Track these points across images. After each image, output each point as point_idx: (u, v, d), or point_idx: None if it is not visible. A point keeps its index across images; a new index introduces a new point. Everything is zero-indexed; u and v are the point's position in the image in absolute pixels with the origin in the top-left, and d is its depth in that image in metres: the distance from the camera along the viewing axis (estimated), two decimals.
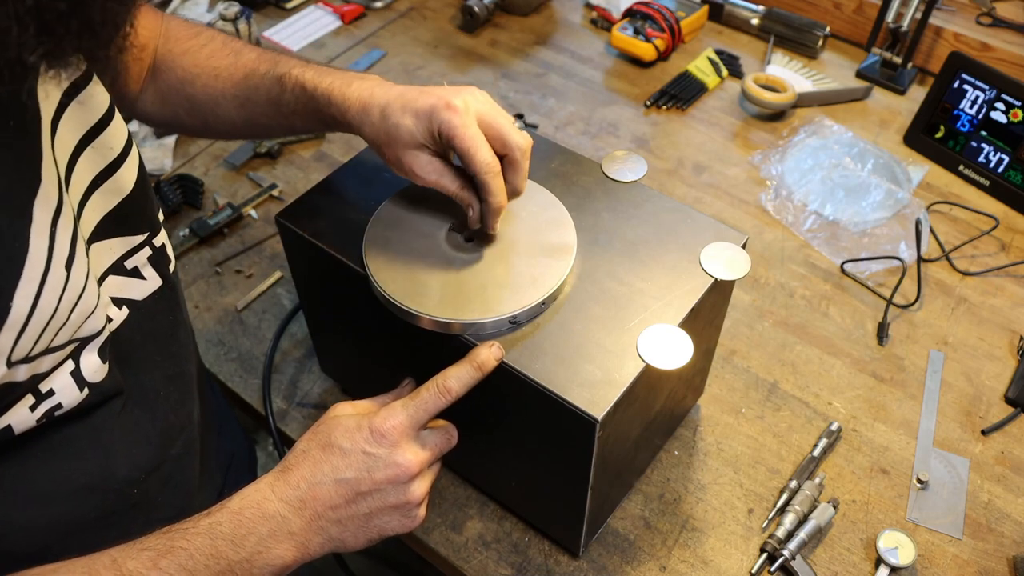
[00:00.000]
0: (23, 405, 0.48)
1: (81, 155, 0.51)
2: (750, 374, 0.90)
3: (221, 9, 1.29)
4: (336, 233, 0.69)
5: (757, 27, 1.37)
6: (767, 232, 1.06)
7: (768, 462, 0.82)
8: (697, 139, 1.19)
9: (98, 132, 0.52)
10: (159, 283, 0.60)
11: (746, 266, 0.67)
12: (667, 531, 0.77)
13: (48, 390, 0.49)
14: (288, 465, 0.57)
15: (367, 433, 0.57)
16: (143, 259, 0.58)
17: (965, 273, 1.01)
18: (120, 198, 0.55)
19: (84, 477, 0.55)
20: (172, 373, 0.63)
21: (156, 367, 0.60)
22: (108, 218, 0.54)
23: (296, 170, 1.13)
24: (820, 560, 0.75)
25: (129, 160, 0.55)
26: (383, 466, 0.57)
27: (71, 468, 0.54)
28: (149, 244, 0.59)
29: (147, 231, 0.58)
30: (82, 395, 0.52)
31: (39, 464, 0.52)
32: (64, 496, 0.54)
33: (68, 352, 0.50)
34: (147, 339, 0.58)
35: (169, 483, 0.64)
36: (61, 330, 0.48)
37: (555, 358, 0.60)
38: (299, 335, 0.93)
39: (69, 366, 0.50)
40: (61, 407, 0.50)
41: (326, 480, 0.56)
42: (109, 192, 0.54)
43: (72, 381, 0.51)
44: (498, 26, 1.41)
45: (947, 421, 0.86)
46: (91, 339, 0.51)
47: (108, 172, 0.53)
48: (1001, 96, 1.08)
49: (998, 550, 0.77)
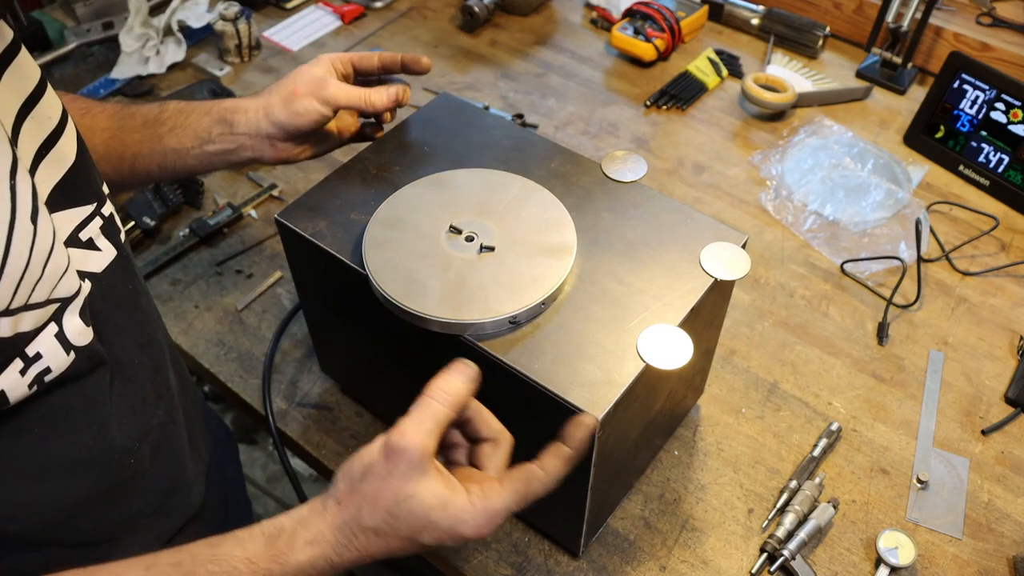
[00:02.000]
0: (13, 370, 0.48)
1: (23, 124, 0.52)
2: (750, 374, 0.90)
3: (221, 9, 1.29)
4: (336, 233, 0.69)
5: (757, 27, 1.37)
6: (767, 232, 1.06)
7: (768, 462, 0.82)
8: (697, 139, 1.19)
9: (35, 101, 0.53)
10: (114, 253, 0.60)
11: (746, 266, 0.67)
12: (667, 531, 0.77)
13: (35, 353, 0.49)
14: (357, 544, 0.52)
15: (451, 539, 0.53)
16: (96, 230, 0.58)
17: (965, 273, 1.01)
18: (65, 168, 0.55)
19: (82, 450, 0.56)
20: (142, 341, 0.63)
21: (126, 336, 0.60)
22: (57, 189, 0.54)
23: (296, 170, 1.13)
24: (820, 560, 0.75)
25: (68, 129, 0.56)
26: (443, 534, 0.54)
27: (69, 442, 0.55)
28: (99, 214, 0.59)
29: (95, 201, 0.58)
30: (69, 359, 0.52)
31: (37, 439, 0.52)
32: (64, 471, 0.55)
33: (50, 313, 0.50)
34: (113, 310, 0.58)
35: (159, 452, 0.64)
36: (38, 285, 0.48)
37: (555, 358, 0.60)
38: (299, 335, 0.93)
39: (53, 328, 0.50)
40: (50, 371, 0.50)
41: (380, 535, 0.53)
42: (54, 162, 0.54)
43: (57, 344, 0.51)
44: (498, 26, 1.41)
45: (947, 421, 0.86)
46: (70, 300, 0.51)
47: (50, 142, 0.54)
48: (1001, 96, 1.08)
49: (998, 550, 0.77)
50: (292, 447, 0.86)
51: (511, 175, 0.72)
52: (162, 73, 1.28)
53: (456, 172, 0.73)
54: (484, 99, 1.25)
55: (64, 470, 0.55)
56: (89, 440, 0.56)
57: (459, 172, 0.73)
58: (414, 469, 0.50)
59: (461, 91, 1.27)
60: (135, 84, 1.26)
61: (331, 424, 0.86)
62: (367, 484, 0.51)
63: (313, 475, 1.65)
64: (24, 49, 0.53)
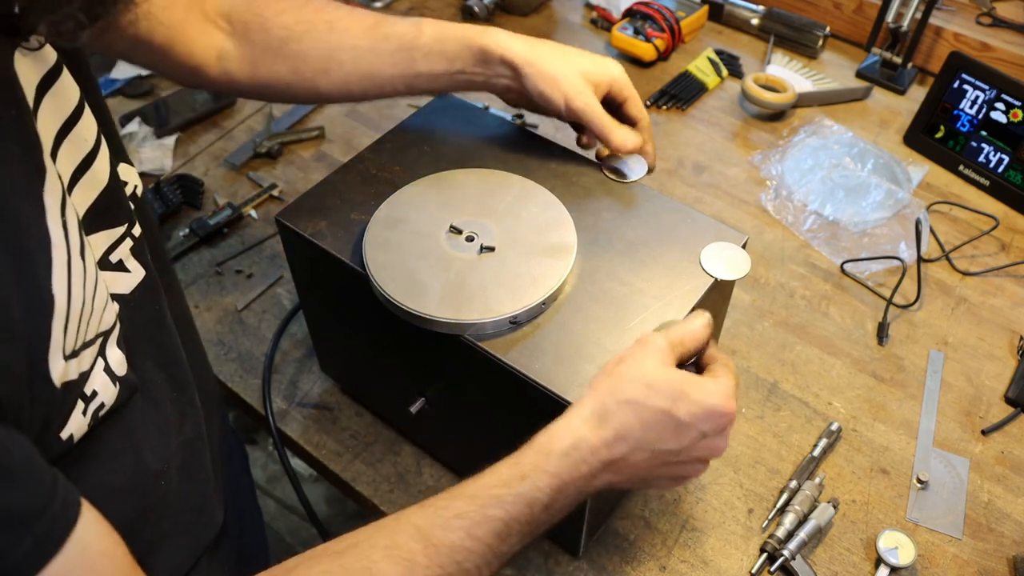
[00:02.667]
0: (78, 411, 0.47)
1: (60, 148, 0.51)
2: (750, 374, 0.90)
3: None
4: (336, 233, 0.69)
5: (757, 27, 1.37)
6: (767, 232, 1.06)
7: (768, 462, 0.82)
8: (697, 139, 1.19)
9: (72, 124, 0.52)
10: (143, 274, 0.59)
11: (746, 266, 0.67)
12: (667, 531, 0.77)
13: (92, 391, 0.49)
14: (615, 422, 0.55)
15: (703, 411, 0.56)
16: (126, 251, 0.57)
17: (965, 273, 1.01)
18: (99, 191, 0.54)
19: (121, 477, 0.55)
20: (164, 361, 0.62)
21: (148, 357, 0.59)
22: (91, 212, 0.53)
23: (296, 170, 1.13)
24: (820, 560, 0.75)
25: (102, 151, 0.55)
26: (706, 448, 0.57)
27: (108, 470, 0.54)
28: (129, 235, 0.58)
29: (126, 222, 0.57)
30: (116, 390, 0.51)
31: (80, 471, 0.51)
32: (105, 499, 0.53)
33: (98, 348, 0.49)
34: (138, 331, 0.57)
35: (185, 470, 0.63)
36: (91, 321, 0.47)
37: (555, 358, 0.60)
38: (299, 335, 0.93)
39: (101, 363, 0.50)
40: (104, 406, 0.50)
41: (647, 447, 0.55)
42: (88, 185, 0.53)
43: (107, 378, 0.50)
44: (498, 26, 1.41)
45: (947, 421, 0.86)
46: (110, 331, 0.51)
47: (85, 164, 0.53)
48: (1001, 96, 1.08)
49: (998, 550, 0.77)
50: (292, 447, 0.86)
51: (511, 175, 0.72)
52: None
53: (456, 172, 0.73)
54: (484, 99, 1.25)
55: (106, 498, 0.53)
56: (127, 466, 0.55)
57: (459, 172, 0.73)
58: (664, 355, 0.56)
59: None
60: (135, 84, 1.26)
61: (331, 424, 0.86)
62: (623, 365, 0.56)
63: (313, 475, 1.66)
64: (66, 70, 0.52)
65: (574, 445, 0.54)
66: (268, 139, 1.15)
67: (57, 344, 0.44)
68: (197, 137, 1.18)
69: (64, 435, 0.47)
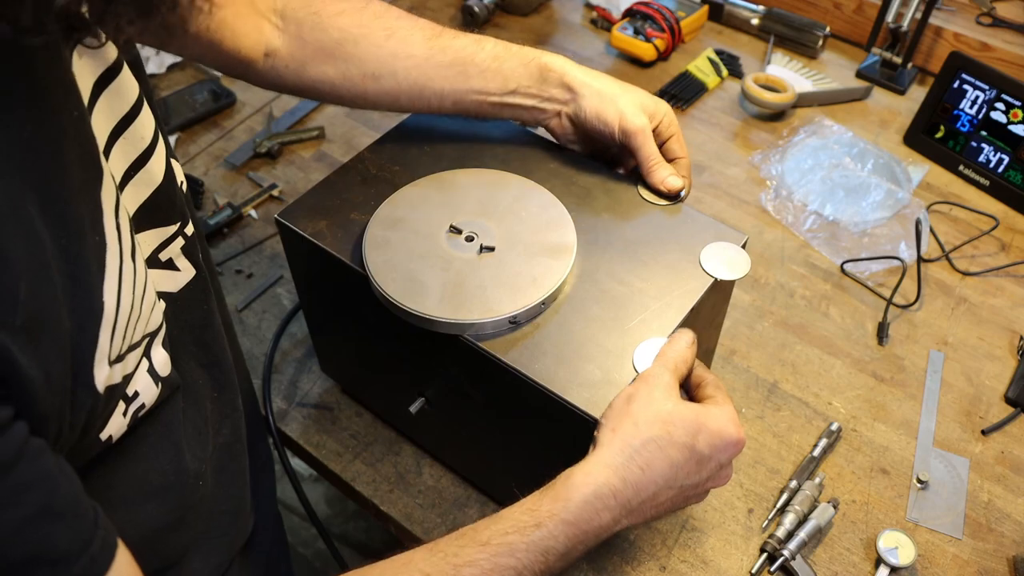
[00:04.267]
0: (118, 412, 0.47)
1: (114, 146, 0.50)
2: (750, 374, 0.90)
3: None
4: (336, 233, 0.69)
5: (757, 27, 1.37)
6: (767, 232, 1.06)
7: (768, 462, 0.82)
8: (697, 139, 1.19)
9: (129, 122, 0.51)
10: (193, 273, 0.59)
11: (746, 266, 0.67)
12: (667, 531, 0.77)
13: (134, 392, 0.48)
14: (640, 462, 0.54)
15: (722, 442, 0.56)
16: (177, 250, 0.57)
17: (965, 273, 1.01)
18: (152, 189, 0.53)
19: (161, 476, 0.54)
20: (207, 362, 0.61)
21: (192, 357, 0.59)
22: (141, 210, 0.53)
23: (296, 170, 1.13)
24: (820, 560, 0.75)
25: (158, 149, 0.54)
26: (720, 478, 0.59)
27: (149, 469, 0.53)
28: (182, 234, 0.57)
29: (179, 221, 0.57)
30: (158, 391, 0.51)
31: (121, 469, 0.51)
32: (145, 498, 0.54)
33: (143, 350, 0.49)
34: (183, 330, 0.57)
35: (223, 473, 0.62)
36: (138, 324, 0.47)
37: (555, 358, 0.60)
38: (299, 335, 0.93)
39: (145, 364, 0.50)
40: (144, 407, 0.50)
41: (674, 485, 0.55)
42: (142, 183, 0.53)
43: (150, 379, 0.50)
44: (498, 26, 1.41)
45: (947, 421, 0.86)
46: (156, 332, 0.51)
47: (140, 163, 0.52)
48: (1001, 96, 1.08)
49: (998, 550, 0.77)
50: (292, 447, 0.86)
51: (511, 175, 0.72)
52: (162, 73, 1.28)
53: (456, 172, 0.73)
54: None
55: (145, 497, 0.54)
56: (167, 465, 0.55)
57: (459, 172, 0.73)
58: (670, 388, 0.57)
59: None
60: None
61: (331, 424, 0.86)
62: (635, 404, 0.55)
63: (313, 475, 1.66)
64: (126, 68, 0.51)
65: (596, 492, 0.53)
66: (268, 139, 1.15)
67: (103, 352, 0.43)
68: (197, 137, 1.18)
69: (104, 436, 0.47)
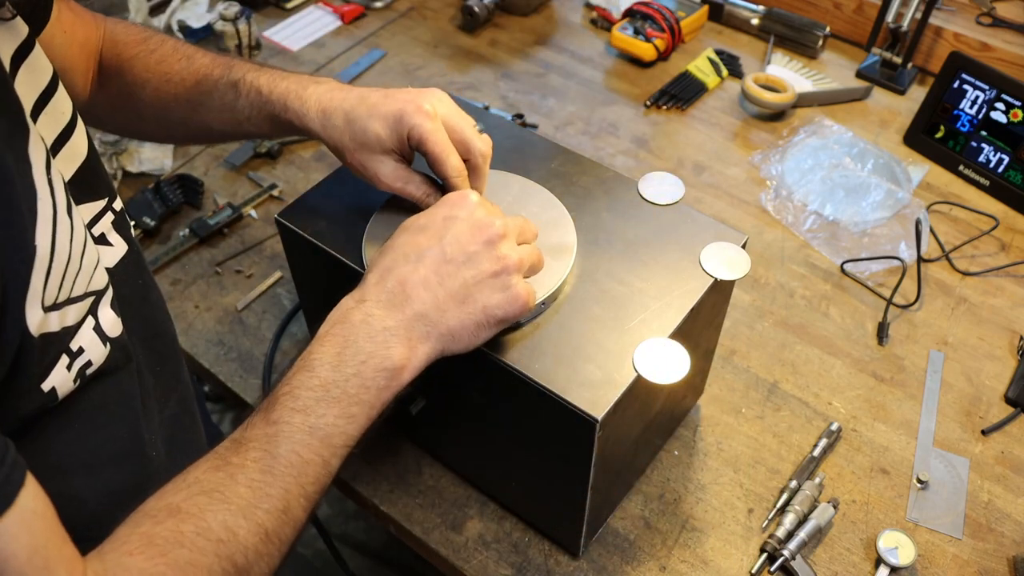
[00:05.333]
0: (61, 366, 0.49)
1: (39, 117, 0.52)
2: (750, 374, 0.90)
3: (221, 9, 1.29)
4: (336, 233, 0.69)
5: (757, 27, 1.37)
6: (767, 232, 1.06)
7: (768, 462, 0.82)
8: (697, 139, 1.19)
9: (48, 97, 0.53)
10: (125, 248, 0.60)
11: (746, 266, 0.67)
12: (667, 531, 0.77)
13: (78, 348, 0.50)
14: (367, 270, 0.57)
15: (440, 205, 0.57)
16: (108, 224, 0.59)
17: (965, 273, 1.01)
18: (78, 164, 0.55)
19: (119, 443, 0.56)
20: (148, 335, 0.63)
21: (132, 332, 0.60)
22: (72, 183, 0.54)
23: (296, 170, 1.13)
24: (820, 560, 0.75)
25: (79, 126, 0.56)
26: (464, 226, 0.56)
27: (107, 435, 0.55)
28: (110, 209, 0.59)
29: (107, 196, 0.59)
30: (106, 351, 0.53)
31: (80, 434, 0.53)
32: (104, 464, 0.55)
33: (87, 307, 0.51)
34: (123, 305, 0.58)
35: (174, 444, 0.64)
36: (78, 277, 0.49)
37: (555, 358, 0.60)
38: (299, 335, 0.93)
39: (91, 322, 0.51)
40: (91, 364, 0.51)
41: (408, 260, 0.55)
42: (68, 158, 0.54)
43: (96, 336, 0.52)
44: (498, 26, 1.41)
45: (947, 421, 0.86)
46: (103, 292, 0.53)
47: (63, 137, 0.54)
48: (1001, 96, 1.08)
49: (998, 550, 0.77)
50: None
51: (511, 175, 0.72)
52: None
53: None
54: (484, 99, 1.25)
55: (104, 463, 0.55)
56: (124, 432, 0.57)
57: None
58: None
59: (461, 91, 1.27)
60: None
61: None
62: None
63: None
64: (38, 45, 0.53)
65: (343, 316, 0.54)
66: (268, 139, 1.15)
67: (35, 293, 0.45)
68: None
69: (46, 387, 0.48)
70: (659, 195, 0.73)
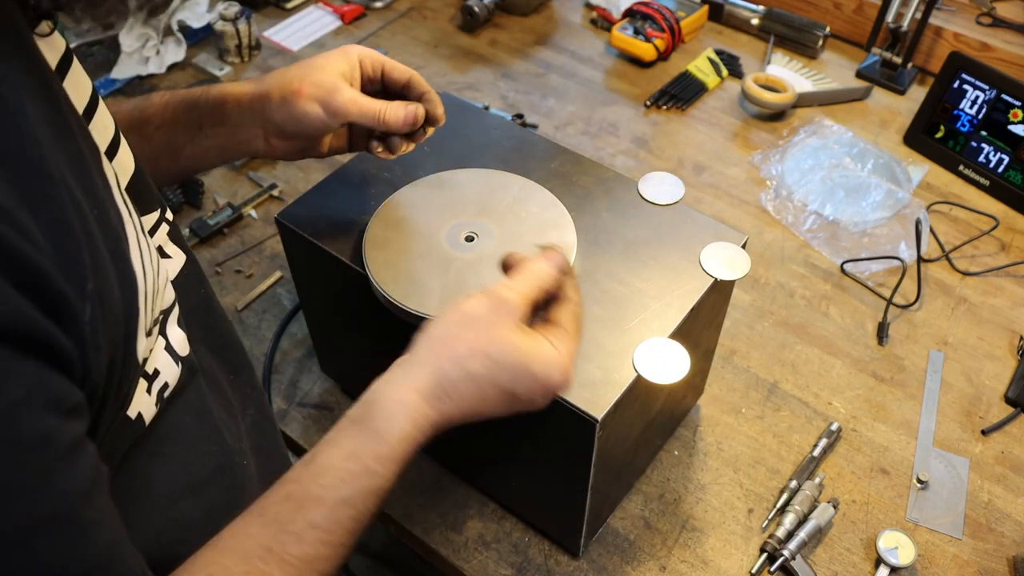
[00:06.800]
0: (142, 390, 0.47)
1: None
2: (750, 374, 0.90)
3: (221, 9, 1.29)
4: (336, 233, 0.69)
5: (757, 27, 1.37)
6: (767, 232, 1.06)
7: (768, 462, 0.82)
8: (697, 139, 1.19)
9: (92, 112, 0.51)
10: (184, 258, 0.59)
11: (746, 266, 0.67)
12: (667, 531, 0.77)
13: (154, 370, 0.48)
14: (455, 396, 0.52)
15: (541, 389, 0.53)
16: (164, 236, 0.57)
17: (965, 273, 1.01)
18: (129, 176, 0.53)
19: (210, 459, 0.54)
20: (215, 345, 0.61)
21: (201, 342, 0.59)
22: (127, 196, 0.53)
23: (296, 170, 1.13)
24: (820, 560, 0.75)
25: (123, 138, 0.54)
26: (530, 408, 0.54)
27: (197, 454, 0.53)
28: (164, 220, 0.57)
29: (159, 207, 0.57)
30: (178, 370, 0.51)
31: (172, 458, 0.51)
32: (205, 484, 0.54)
33: (159, 326, 0.49)
34: (188, 316, 0.57)
35: (259, 452, 0.62)
36: (156, 299, 0.47)
37: None
38: (299, 335, 0.93)
39: (162, 342, 0.50)
40: (168, 386, 0.50)
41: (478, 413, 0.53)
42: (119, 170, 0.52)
43: (168, 357, 0.50)
44: (498, 26, 1.41)
45: (947, 421, 0.86)
46: (170, 310, 0.51)
47: (111, 151, 0.52)
48: (1001, 96, 1.08)
49: (998, 550, 0.77)
50: (292, 447, 0.86)
51: (511, 175, 0.72)
52: (162, 73, 1.28)
53: (456, 172, 0.73)
54: (484, 99, 1.25)
55: (205, 482, 0.54)
56: (213, 447, 0.55)
57: (459, 172, 0.73)
58: (517, 321, 0.52)
59: (461, 91, 1.27)
60: (135, 84, 1.25)
61: (331, 424, 0.85)
62: (469, 331, 0.52)
63: None
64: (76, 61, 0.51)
65: (411, 421, 0.51)
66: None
67: (143, 322, 0.43)
68: None
69: (132, 414, 0.46)
70: (659, 195, 0.73)
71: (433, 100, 0.67)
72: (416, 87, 0.68)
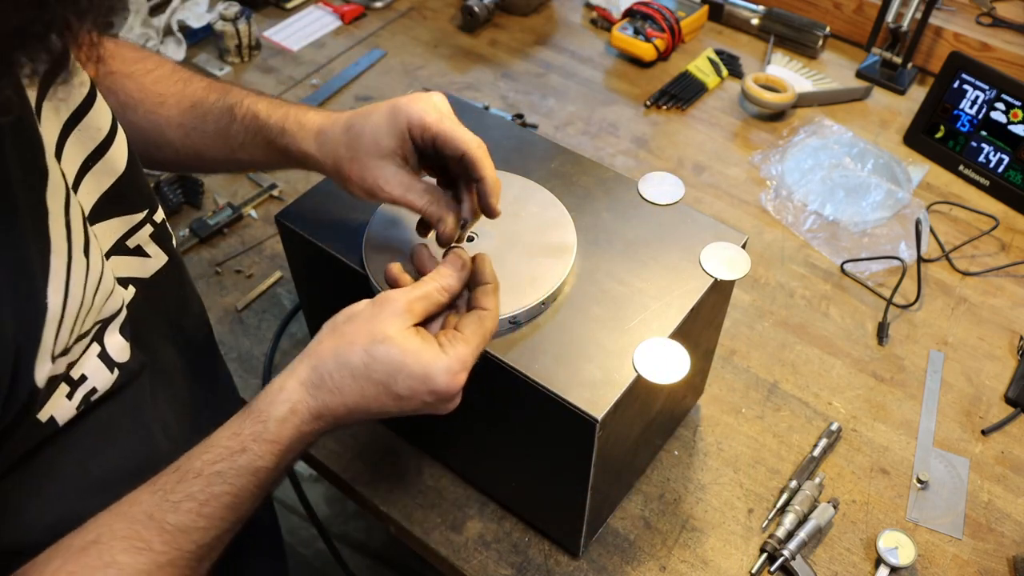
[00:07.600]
0: (60, 395, 0.48)
1: (68, 139, 0.51)
2: (750, 374, 0.90)
3: (221, 9, 1.29)
4: (336, 233, 0.69)
5: (757, 27, 1.37)
6: (767, 232, 1.06)
7: (768, 462, 0.82)
8: (697, 139, 1.19)
9: (82, 115, 0.52)
10: (165, 259, 0.60)
11: (746, 266, 0.67)
12: (667, 531, 0.77)
13: (80, 376, 0.49)
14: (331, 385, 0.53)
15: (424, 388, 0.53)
16: (145, 237, 0.58)
17: (965, 273, 1.01)
18: (114, 178, 0.55)
19: (132, 460, 0.55)
20: (185, 345, 0.62)
21: (170, 342, 0.60)
22: (104, 199, 0.54)
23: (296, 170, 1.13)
24: (820, 560, 0.75)
25: (118, 140, 0.56)
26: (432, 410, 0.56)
27: (119, 453, 0.55)
28: (150, 221, 0.58)
29: (146, 208, 0.58)
30: (113, 376, 0.52)
31: (88, 453, 0.53)
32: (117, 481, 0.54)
33: (93, 335, 0.50)
34: (158, 316, 0.58)
35: None
36: (88, 315, 0.48)
37: (555, 358, 0.60)
38: (299, 335, 0.93)
39: (95, 349, 0.51)
40: (96, 391, 0.51)
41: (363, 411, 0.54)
42: (101, 173, 0.54)
43: (101, 364, 0.51)
44: (498, 26, 1.41)
45: (947, 421, 0.86)
46: (112, 319, 0.52)
47: (98, 154, 0.53)
48: (1001, 96, 1.08)
49: (998, 550, 0.77)
50: None
51: (511, 175, 0.72)
52: None
53: None
54: (484, 99, 1.25)
55: (117, 480, 0.54)
56: (137, 447, 0.56)
57: None
58: (397, 316, 0.53)
59: (461, 91, 1.27)
60: None
61: None
62: (349, 324, 0.54)
63: (313, 475, 1.65)
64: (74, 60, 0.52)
65: (292, 410, 0.53)
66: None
67: (46, 349, 0.45)
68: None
69: (43, 417, 0.47)
70: (659, 195, 0.73)
71: (489, 190, 0.61)
72: (472, 168, 0.61)
